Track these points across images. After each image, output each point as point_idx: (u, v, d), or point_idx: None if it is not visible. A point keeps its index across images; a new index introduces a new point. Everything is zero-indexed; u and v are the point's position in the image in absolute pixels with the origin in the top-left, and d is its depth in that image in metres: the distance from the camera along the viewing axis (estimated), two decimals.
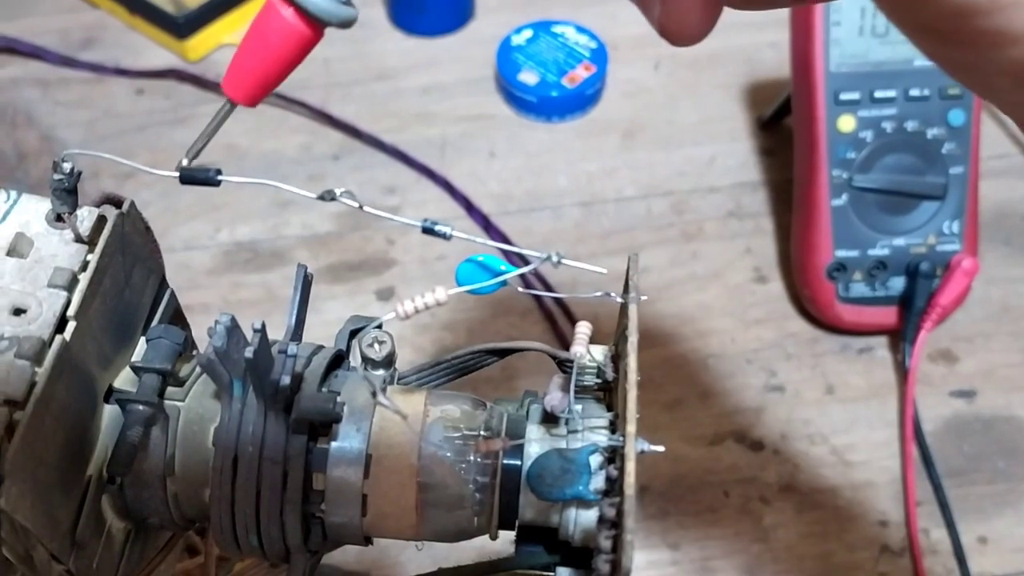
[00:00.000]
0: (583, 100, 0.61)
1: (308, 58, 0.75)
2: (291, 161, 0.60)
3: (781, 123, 0.60)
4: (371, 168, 0.59)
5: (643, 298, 0.24)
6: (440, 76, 0.63)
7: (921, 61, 0.51)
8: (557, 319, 0.53)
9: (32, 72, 0.64)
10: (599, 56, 0.62)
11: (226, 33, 0.65)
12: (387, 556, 0.45)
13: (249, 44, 0.22)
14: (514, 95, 0.61)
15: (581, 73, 0.61)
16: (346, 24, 0.22)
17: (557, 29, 0.63)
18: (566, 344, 0.53)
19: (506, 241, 0.56)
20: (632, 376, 0.23)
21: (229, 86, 0.22)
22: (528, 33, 0.63)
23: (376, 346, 0.26)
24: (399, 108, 0.62)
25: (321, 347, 0.26)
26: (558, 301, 0.53)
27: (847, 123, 0.51)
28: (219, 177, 0.23)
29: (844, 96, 0.51)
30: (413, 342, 0.52)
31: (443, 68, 0.64)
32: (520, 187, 0.59)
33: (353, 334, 0.26)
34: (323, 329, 0.27)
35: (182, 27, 0.63)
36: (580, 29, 0.63)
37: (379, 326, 0.25)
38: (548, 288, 0.52)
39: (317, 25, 0.21)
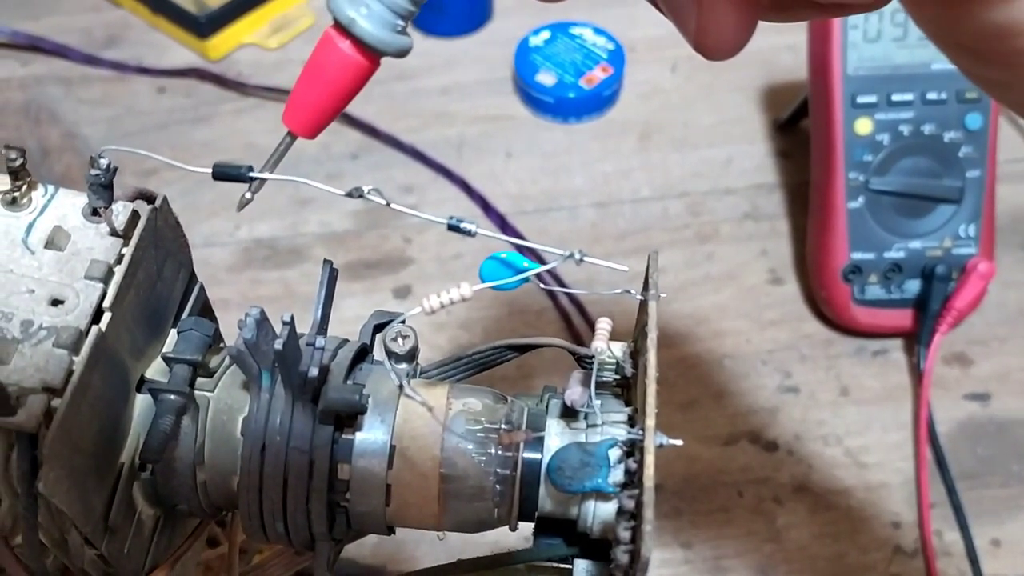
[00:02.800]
0: (600, 101, 0.62)
1: None
2: (311, 160, 0.60)
3: (798, 125, 0.60)
4: (389, 167, 0.60)
5: (662, 295, 0.25)
6: (458, 76, 0.64)
7: (938, 65, 0.51)
8: (572, 317, 0.53)
9: (56, 70, 0.65)
10: (616, 58, 0.62)
11: (247, 33, 0.66)
12: (403, 550, 0.46)
13: (307, 77, 0.22)
14: (531, 96, 0.62)
15: (598, 74, 0.62)
16: (402, 53, 0.22)
17: (575, 30, 0.64)
18: (581, 342, 0.53)
19: (520, 240, 0.56)
20: (651, 371, 0.23)
21: (289, 118, 0.22)
22: (546, 34, 0.63)
23: (400, 340, 0.26)
24: (418, 108, 0.62)
25: (346, 340, 0.26)
26: (573, 300, 0.53)
27: (864, 126, 0.51)
28: (250, 175, 0.23)
29: (861, 99, 0.51)
30: (430, 340, 0.52)
31: (461, 69, 0.64)
32: (536, 187, 0.59)
33: (377, 329, 0.27)
34: (339, 326, 0.28)
35: (203, 26, 0.64)
36: (598, 31, 0.63)
37: (402, 321, 0.26)
38: (562, 283, 0.53)
39: (374, 56, 0.22)
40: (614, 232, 0.57)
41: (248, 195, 0.23)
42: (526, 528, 0.27)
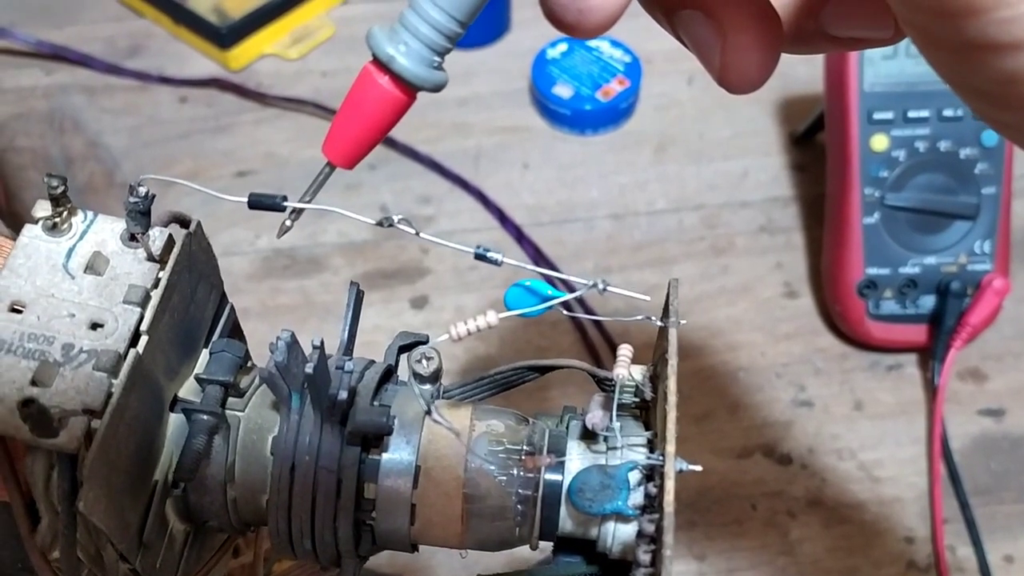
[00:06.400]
0: (617, 113, 0.62)
1: (346, 69, 0.76)
2: None
3: (814, 139, 0.60)
4: (407, 178, 0.61)
5: (682, 322, 0.25)
6: (476, 88, 0.65)
7: None
8: (588, 331, 0.54)
9: (79, 79, 0.66)
10: (633, 70, 0.63)
11: (267, 43, 0.66)
12: (419, 560, 0.47)
13: (346, 110, 0.23)
14: (548, 108, 0.62)
15: (615, 87, 0.62)
16: (438, 88, 0.23)
17: (592, 43, 0.64)
18: (597, 356, 0.53)
19: (537, 252, 0.57)
20: (672, 398, 0.24)
21: (329, 149, 0.23)
22: (563, 47, 0.64)
23: (424, 362, 0.27)
24: (435, 119, 0.63)
25: (372, 362, 0.27)
26: (588, 314, 0.54)
27: (880, 142, 0.51)
28: (285, 204, 0.24)
29: (877, 115, 0.51)
30: (448, 351, 0.52)
31: (479, 80, 0.65)
32: (553, 199, 0.60)
33: (402, 349, 0.28)
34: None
35: (225, 37, 0.65)
36: (615, 43, 0.64)
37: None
38: (584, 305, 0.53)
39: (411, 90, 0.23)
40: (630, 244, 0.58)
41: (288, 223, 0.24)
42: (545, 545, 0.27)
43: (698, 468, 0.23)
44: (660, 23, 0.24)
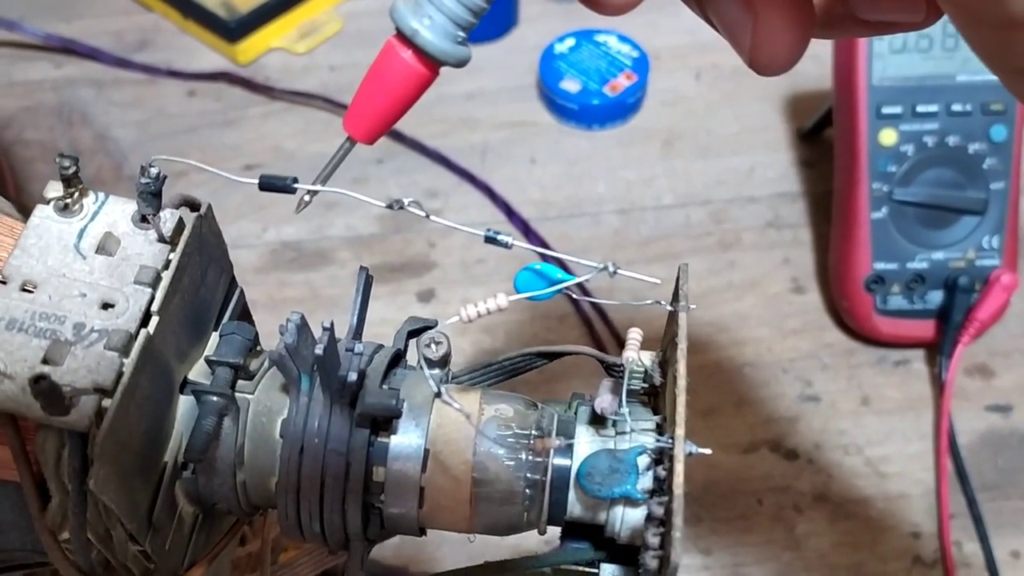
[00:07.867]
0: (624, 108, 0.62)
1: (353, 63, 0.76)
2: None
3: (821, 135, 0.60)
4: (413, 172, 0.61)
5: (692, 307, 0.25)
6: (483, 83, 0.65)
7: (964, 76, 0.51)
8: (594, 322, 0.54)
9: (88, 72, 0.66)
10: (641, 65, 0.63)
11: (275, 37, 0.67)
12: (425, 550, 0.47)
13: (368, 85, 0.23)
14: (556, 103, 0.62)
15: (622, 82, 0.62)
16: (461, 64, 0.23)
17: (599, 38, 0.64)
18: (603, 347, 0.53)
19: (545, 246, 0.57)
20: (681, 381, 0.24)
21: (349, 124, 0.23)
22: (571, 41, 0.64)
23: (433, 346, 0.27)
24: (443, 114, 0.63)
25: (381, 346, 0.27)
26: (595, 306, 0.54)
27: (888, 137, 0.51)
28: (295, 185, 0.24)
29: (886, 110, 0.51)
30: (453, 344, 0.53)
31: (486, 75, 0.65)
32: (560, 193, 0.60)
33: (411, 334, 0.28)
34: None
35: (233, 31, 0.65)
36: (622, 38, 0.64)
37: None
38: (588, 293, 0.53)
39: (435, 65, 0.23)
40: (637, 239, 0.58)
41: (307, 198, 0.24)
42: (551, 531, 0.27)
43: (708, 451, 0.23)
44: (688, 4, 0.23)
